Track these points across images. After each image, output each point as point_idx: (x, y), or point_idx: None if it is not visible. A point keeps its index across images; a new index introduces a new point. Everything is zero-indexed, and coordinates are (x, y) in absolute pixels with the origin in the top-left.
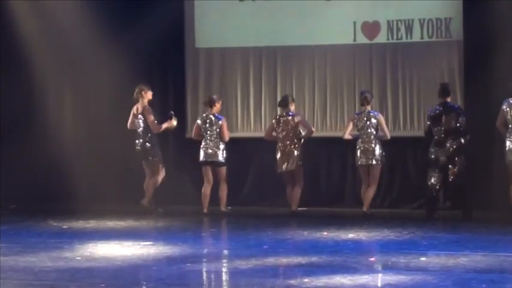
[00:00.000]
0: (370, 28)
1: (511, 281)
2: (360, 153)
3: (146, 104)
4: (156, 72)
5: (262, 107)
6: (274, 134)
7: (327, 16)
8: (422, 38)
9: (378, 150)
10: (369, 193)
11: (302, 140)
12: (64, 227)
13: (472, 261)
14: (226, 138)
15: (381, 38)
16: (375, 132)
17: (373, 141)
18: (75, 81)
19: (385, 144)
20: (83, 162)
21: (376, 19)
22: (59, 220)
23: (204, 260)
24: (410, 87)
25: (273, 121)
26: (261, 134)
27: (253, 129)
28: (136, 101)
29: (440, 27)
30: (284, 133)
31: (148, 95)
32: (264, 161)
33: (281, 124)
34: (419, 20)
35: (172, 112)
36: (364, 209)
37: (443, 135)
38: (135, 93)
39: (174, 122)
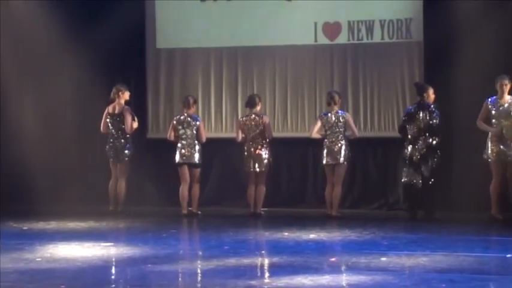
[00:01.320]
0: (331, 29)
1: (471, 280)
2: (326, 152)
3: (123, 104)
4: (117, 73)
5: (223, 107)
6: (242, 134)
7: (288, 17)
8: (383, 38)
9: (344, 150)
10: (336, 194)
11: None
12: (24, 228)
13: (432, 261)
14: (204, 139)
15: (342, 38)
16: (342, 132)
17: (340, 141)
18: (36, 82)
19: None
20: (43, 163)
21: (337, 20)
22: (19, 221)
23: (165, 260)
24: (371, 87)
25: (241, 120)
26: (222, 134)
27: (214, 130)
28: (112, 101)
29: (401, 28)
30: (252, 134)
31: (126, 95)
32: (225, 162)
33: (249, 125)
34: (380, 20)
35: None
36: (333, 212)
37: (416, 133)
38: (112, 94)
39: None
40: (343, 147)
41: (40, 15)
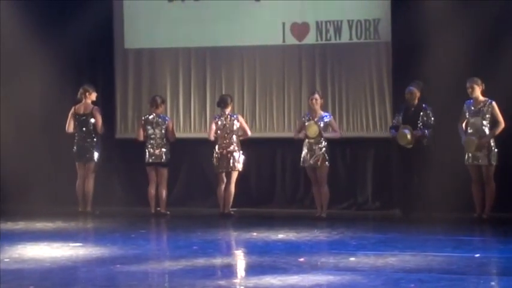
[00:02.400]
0: (299, 29)
1: (439, 280)
2: (306, 154)
3: (91, 104)
4: (85, 73)
5: (191, 107)
6: (214, 134)
7: (256, 17)
8: (351, 39)
9: (323, 152)
10: (323, 196)
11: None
12: None
13: (401, 261)
14: (173, 138)
15: (310, 39)
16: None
17: (321, 143)
18: (3, 81)
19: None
20: (12, 163)
21: (305, 20)
22: None
23: (134, 261)
24: (339, 88)
25: (215, 119)
26: (190, 134)
27: (183, 130)
28: (79, 102)
29: (369, 29)
30: (225, 134)
31: (93, 96)
32: (193, 162)
33: (225, 124)
34: (348, 21)
35: None
36: (323, 214)
37: None
38: (79, 94)
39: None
40: (323, 149)
41: (7, 15)
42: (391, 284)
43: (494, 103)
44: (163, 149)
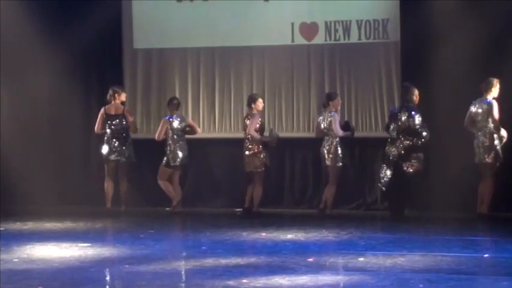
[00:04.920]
0: (308, 29)
1: (448, 280)
2: (324, 153)
3: (120, 105)
4: (94, 73)
5: (200, 107)
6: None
7: (265, 17)
8: (360, 39)
9: (339, 151)
10: (327, 192)
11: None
12: (1, 228)
13: (410, 261)
14: (199, 130)
15: (319, 39)
16: (331, 133)
17: (334, 142)
18: (11, 80)
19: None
20: (19, 164)
21: (314, 20)
22: None
23: (142, 261)
24: (348, 88)
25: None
26: (199, 134)
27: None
28: (108, 103)
29: (378, 28)
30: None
31: (122, 97)
32: (202, 162)
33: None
34: (357, 21)
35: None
36: (328, 211)
37: (395, 134)
38: (108, 95)
39: None
40: (338, 149)
41: (17, 14)
42: (400, 284)
43: (493, 102)
44: (178, 150)
